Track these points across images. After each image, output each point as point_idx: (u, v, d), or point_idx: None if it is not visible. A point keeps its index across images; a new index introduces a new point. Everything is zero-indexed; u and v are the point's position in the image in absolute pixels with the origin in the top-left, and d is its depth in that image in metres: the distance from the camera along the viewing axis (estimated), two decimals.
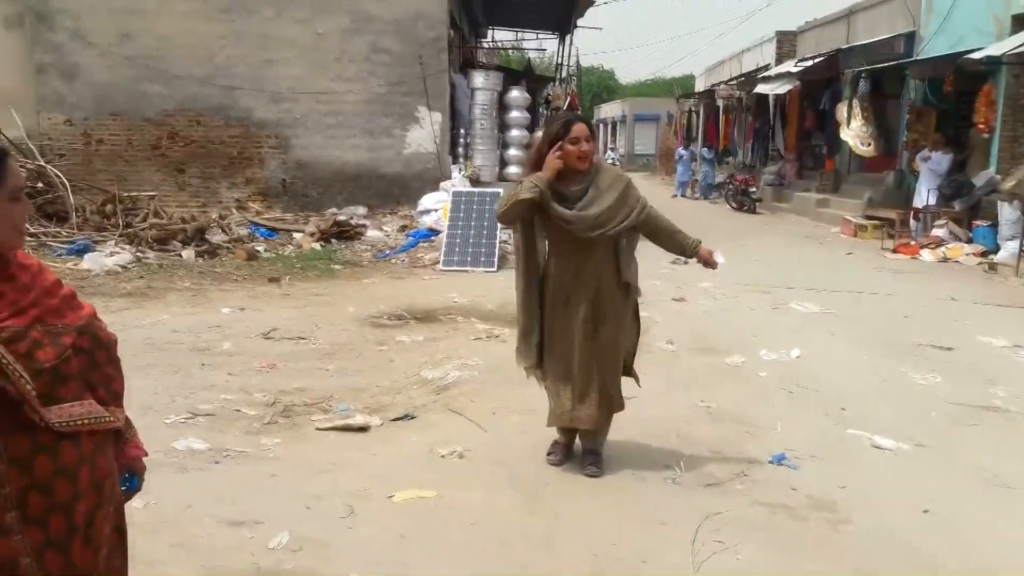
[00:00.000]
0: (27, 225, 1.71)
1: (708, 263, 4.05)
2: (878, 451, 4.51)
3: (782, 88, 19.60)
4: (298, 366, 5.98)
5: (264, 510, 3.64)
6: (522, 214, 3.89)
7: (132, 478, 1.93)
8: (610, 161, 28.97)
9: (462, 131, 14.57)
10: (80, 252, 10.28)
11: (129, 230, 11.35)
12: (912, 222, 13.67)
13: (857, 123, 15.67)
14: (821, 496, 3.89)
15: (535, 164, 3.92)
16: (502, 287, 9.13)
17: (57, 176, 11.88)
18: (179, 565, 3.19)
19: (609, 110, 51.03)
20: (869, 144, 15.78)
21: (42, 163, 12.28)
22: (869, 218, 14.68)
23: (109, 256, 10.13)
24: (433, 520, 3.61)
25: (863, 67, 15.94)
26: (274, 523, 3.51)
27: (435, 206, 12.38)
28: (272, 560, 3.24)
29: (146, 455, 2.01)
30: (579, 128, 3.81)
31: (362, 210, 13.76)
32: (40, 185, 11.98)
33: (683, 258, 4.30)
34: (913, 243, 12.78)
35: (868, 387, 5.68)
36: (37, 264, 1.77)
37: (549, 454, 4.24)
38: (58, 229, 11.28)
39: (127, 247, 10.73)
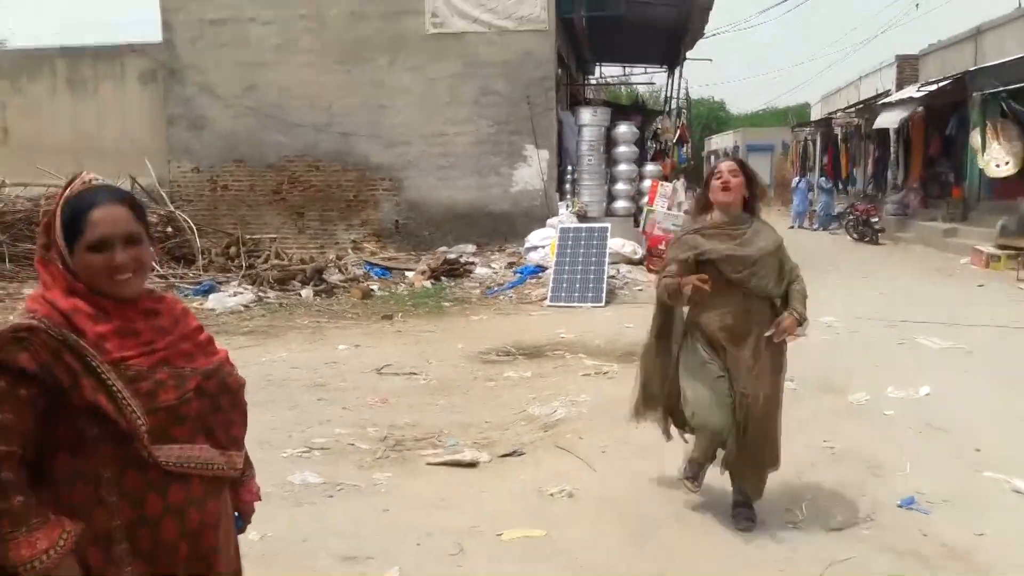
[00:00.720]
0: (126, 273, 1.74)
1: (786, 329, 3.77)
2: (1018, 496, 4.18)
3: (901, 115, 18.82)
4: (409, 401, 6.07)
5: (376, 545, 3.67)
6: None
7: (238, 520, 1.97)
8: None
9: (569, 167, 14.63)
10: (206, 292, 10.82)
11: (251, 271, 11.89)
12: None
13: (993, 146, 14.87)
14: (956, 544, 3.62)
15: (697, 210, 4.09)
16: (610, 322, 9.04)
17: (185, 221, 12.62)
18: None
19: (720, 141, 50.24)
20: (1008, 163, 14.89)
21: (171, 209, 13.08)
22: (1003, 247, 13.78)
23: (232, 296, 10.62)
24: (542, 561, 3.55)
25: (994, 88, 15.12)
26: (385, 558, 3.54)
27: (542, 243, 12.44)
28: None
29: (259, 499, 2.05)
30: (724, 164, 3.88)
31: (471, 248, 13.98)
32: (169, 229, 12.75)
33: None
34: None
35: (1006, 427, 5.28)
36: (182, 308, 1.87)
37: (687, 477, 3.96)
38: (185, 271, 11.93)
39: (249, 287, 11.22)
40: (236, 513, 1.98)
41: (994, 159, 15.04)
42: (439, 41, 14.11)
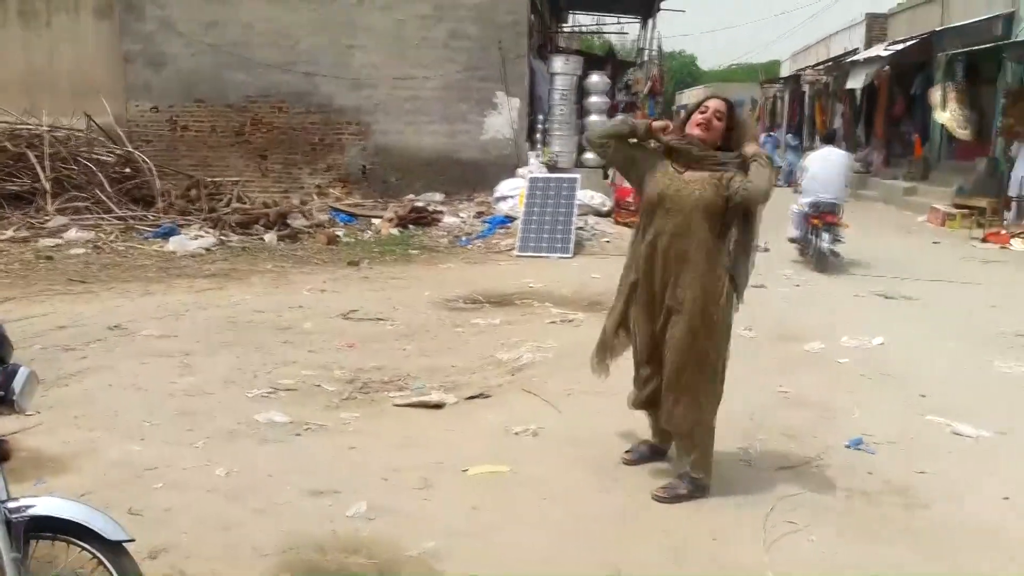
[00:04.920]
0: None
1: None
2: (958, 438, 4.39)
3: (866, 73, 18.96)
4: (376, 346, 6.12)
5: (342, 481, 3.75)
6: (612, 144, 3.78)
7: None
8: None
9: (540, 117, 14.54)
10: (166, 235, 10.68)
11: (213, 214, 11.74)
12: (1005, 211, 13.08)
13: (952, 106, 15.15)
14: (898, 481, 3.81)
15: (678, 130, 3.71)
16: (577, 273, 9.14)
17: (144, 162, 12.35)
18: (261, 529, 3.32)
19: (691, 95, 50.39)
20: (966, 128, 15.23)
21: (130, 149, 12.77)
22: (958, 207, 14.10)
23: (193, 239, 10.51)
24: (506, 494, 3.66)
25: (957, 50, 15.29)
26: (352, 493, 3.62)
27: (511, 192, 12.43)
28: (350, 527, 3.35)
29: None
30: (713, 102, 3.65)
31: (439, 196, 13.90)
32: (128, 170, 12.48)
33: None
34: (1004, 232, 12.24)
35: (950, 375, 5.52)
36: None
37: (627, 452, 4.06)
38: (144, 213, 11.70)
39: (211, 231, 11.09)
40: None
41: (955, 120, 15.34)
42: None
